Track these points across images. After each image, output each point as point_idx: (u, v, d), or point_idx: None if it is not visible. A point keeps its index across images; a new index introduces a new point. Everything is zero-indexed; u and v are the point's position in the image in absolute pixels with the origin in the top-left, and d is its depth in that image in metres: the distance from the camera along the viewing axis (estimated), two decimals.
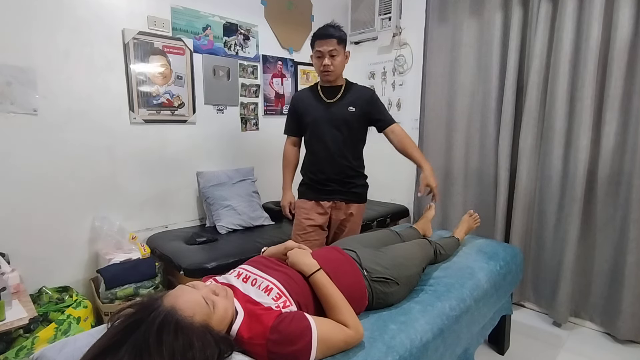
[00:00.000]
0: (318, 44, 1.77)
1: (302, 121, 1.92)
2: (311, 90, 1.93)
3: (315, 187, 1.91)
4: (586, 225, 2.16)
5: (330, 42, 1.74)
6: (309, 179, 1.93)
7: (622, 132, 2.01)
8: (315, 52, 1.80)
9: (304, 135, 1.96)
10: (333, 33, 1.75)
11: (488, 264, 1.66)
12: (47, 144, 1.98)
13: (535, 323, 2.27)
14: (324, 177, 1.87)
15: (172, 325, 0.78)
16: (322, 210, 1.89)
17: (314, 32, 1.81)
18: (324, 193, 1.89)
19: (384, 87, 3.31)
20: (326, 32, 1.75)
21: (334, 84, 1.87)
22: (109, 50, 2.16)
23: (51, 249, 2.03)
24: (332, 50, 1.75)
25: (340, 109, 1.84)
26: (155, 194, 2.44)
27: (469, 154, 2.65)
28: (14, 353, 1.53)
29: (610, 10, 1.97)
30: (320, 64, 1.79)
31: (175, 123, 2.49)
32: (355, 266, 1.28)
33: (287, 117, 2.01)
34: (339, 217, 1.91)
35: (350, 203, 1.91)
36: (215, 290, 0.95)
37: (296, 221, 1.95)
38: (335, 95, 1.86)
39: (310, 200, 1.90)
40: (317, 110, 1.86)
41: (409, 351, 1.07)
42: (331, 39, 1.74)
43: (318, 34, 1.78)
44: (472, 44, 2.56)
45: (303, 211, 1.91)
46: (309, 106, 1.89)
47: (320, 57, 1.77)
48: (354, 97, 1.86)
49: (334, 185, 1.88)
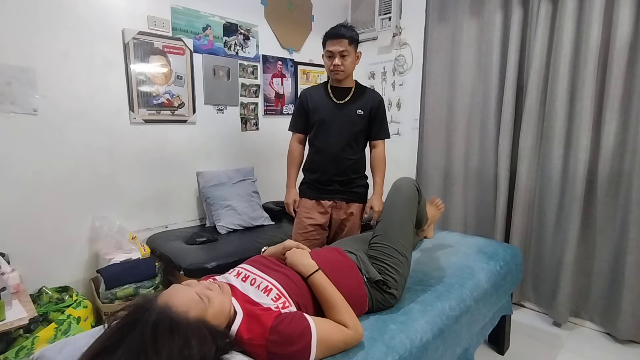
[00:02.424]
0: (329, 44, 1.76)
1: (310, 119, 1.91)
2: (321, 89, 1.92)
3: (316, 187, 1.91)
4: (586, 225, 2.16)
5: (342, 42, 1.74)
6: (311, 179, 1.93)
7: (622, 132, 2.01)
8: (325, 51, 1.80)
9: (311, 134, 1.94)
10: (345, 33, 1.74)
11: (488, 264, 1.66)
12: (47, 144, 1.98)
13: (535, 323, 2.27)
14: (326, 177, 1.87)
15: (167, 323, 0.77)
16: (323, 210, 1.89)
17: (326, 31, 1.80)
18: (325, 192, 1.89)
19: (384, 87, 3.31)
20: (338, 31, 1.75)
21: (344, 85, 1.87)
22: (109, 50, 2.16)
23: (51, 249, 2.03)
24: (343, 50, 1.75)
25: (349, 111, 1.85)
26: (155, 194, 2.44)
27: (469, 154, 2.65)
28: (14, 353, 1.53)
29: (610, 10, 1.97)
30: (330, 64, 1.78)
31: (175, 123, 2.49)
32: (356, 270, 1.27)
33: (294, 113, 1.99)
34: (339, 217, 1.91)
35: (350, 202, 1.91)
36: (209, 287, 0.95)
37: (297, 220, 1.95)
38: (345, 97, 1.87)
39: (311, 200, 1.91)
40: (326, 109, 1.86)
41: (409, 351, 1.07)
42: (343, 39, 1.74)
43: (330, 33, 1.77)
44: (472, 44, 2.56)
45: (304, 210, 1.91)
46: (318, 105, 1.88)
47: (331, 56, 1.77)
48: (364, 101, 1.87)
49: (336, 185, 1.88)
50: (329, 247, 1.47)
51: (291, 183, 1.98)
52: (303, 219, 1.90)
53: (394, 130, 3.25)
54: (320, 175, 1.89)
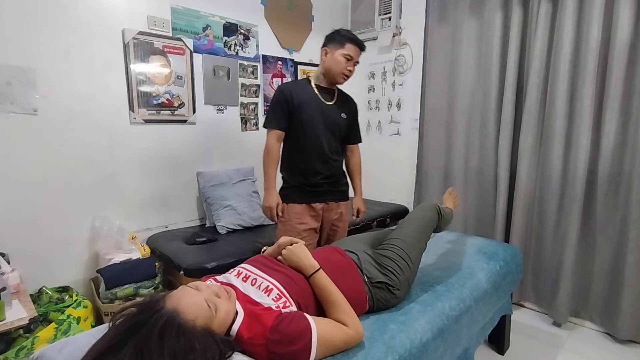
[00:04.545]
0: (351, 49, 1.77)
1: (295, 116, 1.79)
2: (306, 87, 1.84)
3: (305, 190, 1.83)
4: (586, 225, 2.16)
5: (360, 53, 1.82)
6: (297, 182, 1.83)
7: (622, 132, 2.01)
8: (344, 54, 1.77)
9: (292, 133, 1.82)
10: (364, 46, 1.83)
11: (488, 264, 1.66)
12: (47, 144, 1.98)
13: (535, 323, 2.27)
14: (317, 179, 1.82)
15: (175, 329, 0.78)
16: (315, 213, 1.84)
17: (345, 31, 1.81)
18: (316, 195, 1.84)
19: (384, 87, 3.32)
20: (362, 41, 1.81)
21: (331, 86, 1.89)
22: (109, 50, 2.16)
23: (51, 249, 2.03)
24: (357, 62, 1.82)
25: (336, 113, 1.86)
26: (155, 194, 2.44)
27: (469, 154, 2.65)
28: (14, 353, 1.53)
29: (610, 10, 1.97)
30: (345, 68, 1.79)
31: (175, 123, 2.49)
32: (356, 270, 1.27)
33: (275, 109, 1.80)
34: (331, 218, 1.90)
35: (340, 202, 1.93)
36: (218, 292, 0.95)
37: (286, 227, 1.82)
38: (331, 98, 1.88)
39: (301, 204, 1.82)
40: (315, 108, 1.81)
41: (409, 351, 1.07)
42: (363, 50, 1.82)
43: (354, 38, 1.79)
44: (472, 43, 2.56)
45: (294, 216, 1.81)
46: (306, 102, 1.80)
47: (349, 60, 1.78)
48: (345, 104, 1.93)
49: (326, 187, 1.85)
50: (329, 246, 1.47)
51: (271, 184, 1.80)
52: (296, 226, 1.80)
53: (394, 130, 3.26)
54: (309, 178, 1.82)
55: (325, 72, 1.83)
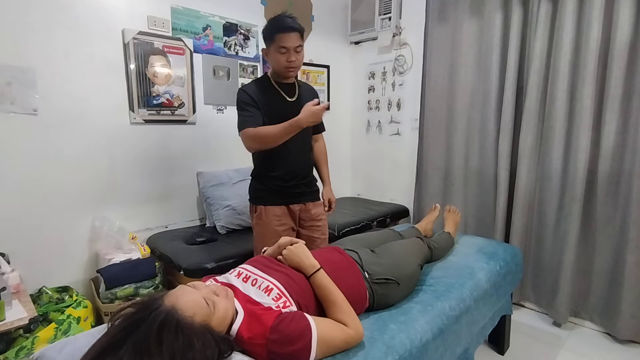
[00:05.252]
0: (282, 39, 1.58)
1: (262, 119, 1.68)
2: (265, 86, 1.71)
3: (284, 192, 1.75)
4: (586, 225, 2.16)
5: (295, 37, 1.59)
6: (275, 184, 1.74)
7: (622, 132, 2.01)
8: (277, 47, 1.60)
9: None
10: (295, 26, 1.59)
11: (488, 264, 1.66)
12: (47, 144, 1.98)
13: (535, 323, 2.27)
14: (294, 181, 1.75)
15: (173, 325, 0.78)
16: (293, 214, 1.79)
17: (270, 22, 1.62)
18: (294, 197, 1.77)
19: (384, 87, 3.31)
20: (288, 24, 1.58)
21: (290, 81, 1.75)
22: (109, 50, 2.16)
23: (51, 249, 2.03)
24: (298, 46, 1.61)
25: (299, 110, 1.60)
26: (155, 194, 2.44)
27: (469, 154, 2.65)
28: (14, 353, 1.53)
29: (610, 10, 1.97)
30: (284, 60, 1.61)
31: (175, 123, 2.49)
32: (357, 268, 1.27)
33: (247, 109, 1.65)
34: (308, 217, 1.83)
35: (315, 201, 1.85)
36: (216, 291, 0.95)
37: (266, 230, 1.73)
38: (293, 94, 1.75)
39: (280, 206, 1.75)
40: (281, 109, 1.68)
41: (409, 351, 1.07)
42: (295, 32, 1.59)
43: (279, 26, 1.58)
44: (472, 43, 2.56)
45: (274, 218, 1.74)
46: (269, 104, 1.67)
47: (286, 52, 1.60)
48: (307, 96, 1.75)
49: (303, 187, 1.79)
50: (328, 246, 1.47)
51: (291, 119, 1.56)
52: (276, 228, 1.72)
53: (394, 131, 3.26)
54: (286, 180, 1.74)
55: (274, 72, 1.72)
